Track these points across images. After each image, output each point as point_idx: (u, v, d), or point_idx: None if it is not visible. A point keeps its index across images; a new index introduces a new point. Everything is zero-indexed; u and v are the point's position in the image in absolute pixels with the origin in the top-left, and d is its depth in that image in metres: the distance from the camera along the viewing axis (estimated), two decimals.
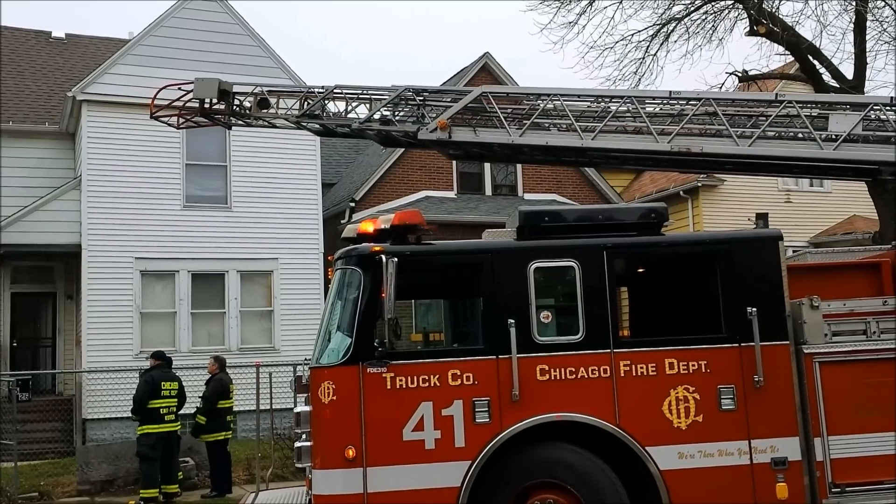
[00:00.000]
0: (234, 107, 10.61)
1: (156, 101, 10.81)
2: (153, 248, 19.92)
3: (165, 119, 11.15)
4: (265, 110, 10.61)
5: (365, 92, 10.28)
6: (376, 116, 10.20)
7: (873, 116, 9.11)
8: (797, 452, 7.81)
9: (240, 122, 10.91)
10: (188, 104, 10.73)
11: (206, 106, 10.60)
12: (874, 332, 8.10)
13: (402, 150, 21.22)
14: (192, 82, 10.54)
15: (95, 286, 19.44)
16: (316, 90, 10.40)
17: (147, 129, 19.70)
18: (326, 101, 10.38)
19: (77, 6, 56.77)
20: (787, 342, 7.96)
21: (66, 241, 19.72)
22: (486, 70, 24.34)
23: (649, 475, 7.62)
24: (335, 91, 10.31)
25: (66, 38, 27.11)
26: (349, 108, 10.28)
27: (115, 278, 19.58)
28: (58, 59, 25.87)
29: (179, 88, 10.65)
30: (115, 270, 19.60)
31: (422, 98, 10.09)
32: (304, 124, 10.60)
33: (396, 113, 10.20)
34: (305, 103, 10.39)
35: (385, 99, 10.14)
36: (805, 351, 7.95)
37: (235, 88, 10.60)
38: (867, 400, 7.93)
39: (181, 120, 11.00)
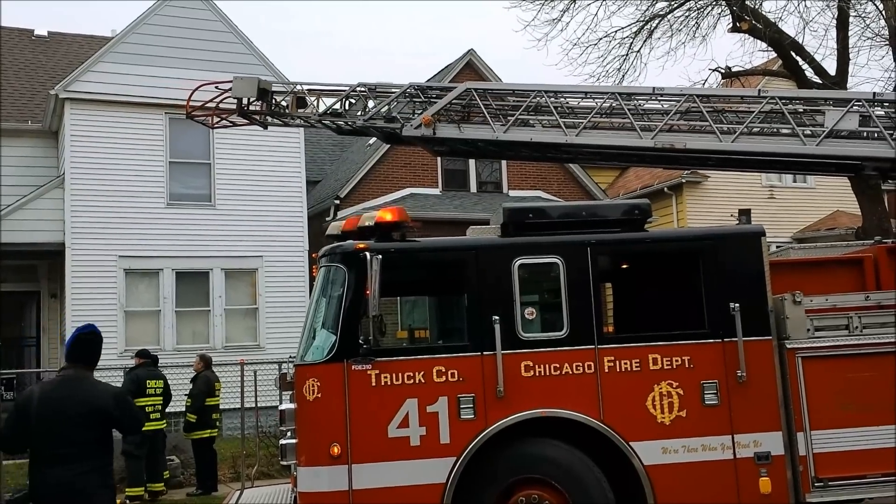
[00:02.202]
0: (272, 106, 10.59)
1: (191, 102, 10.76)
2: (137, 246, 19.79)
3: (201, 119, 11.10)
4: (302, 109, 10.58)
5: (414, 90, 10.24)
6: (381, 112, 10.22)
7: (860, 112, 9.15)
8: (780, 447, 7.84)
9: (277, 122, 10.90)
10: (223, 103, 10.69)
11: (244, 105, 10.58)
12: (856, 328, 8.14)
13: (387, 147, 21.18)
14: (228, 82, 10.51)
15: (79, 285, 19.32)
16: (356, 88, 10.34)
17: (130, 127, 19.82)
18: (367, 99, 10.33)
19: (58, 4, 56.38)
20: (770, 338, 7.99)
21: (50, 239, 19.59)
22: (470, 67, 24.22)
23: (634, 470, 7.64)
24: (377, 90, 10.29)
25: (49, 36, 26.88)
26: (392, 105, 10.21)
27: (99, 277, 19.46)
28: (40, 57, 25.67)
29: (216, 87, 10.59)
30: (98, 269, 19.47)
31: (427, 97, 10.10)
32: (328, 122, 10.59)
33: (396, 110, 10.21)
34: (347, 102, 10.36)
35: (391, 95, 10.15)
36: (788, 346, 7.98)
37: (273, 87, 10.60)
38: (849, 395, 7.96)
39: (216, 119, 10.96)
